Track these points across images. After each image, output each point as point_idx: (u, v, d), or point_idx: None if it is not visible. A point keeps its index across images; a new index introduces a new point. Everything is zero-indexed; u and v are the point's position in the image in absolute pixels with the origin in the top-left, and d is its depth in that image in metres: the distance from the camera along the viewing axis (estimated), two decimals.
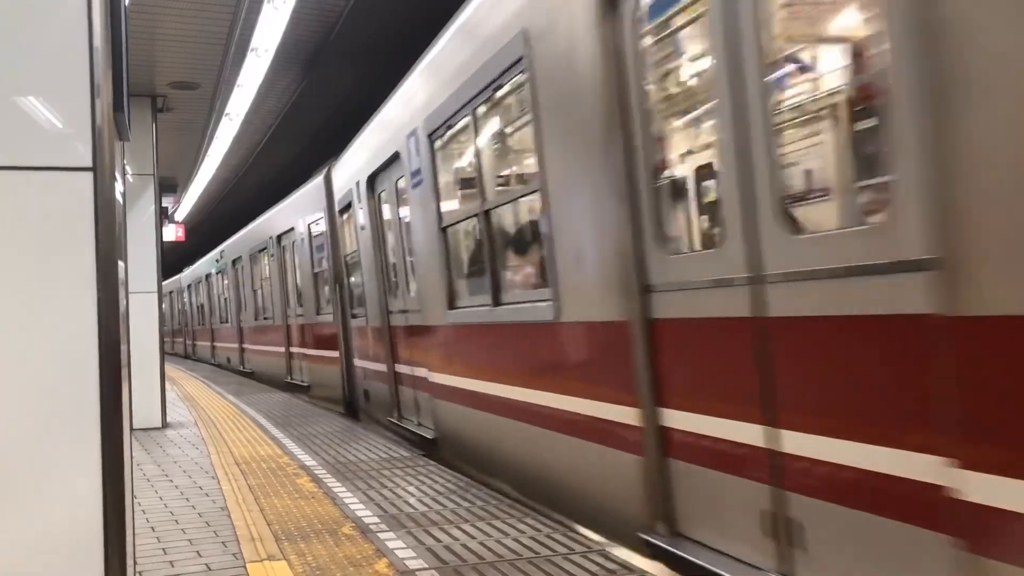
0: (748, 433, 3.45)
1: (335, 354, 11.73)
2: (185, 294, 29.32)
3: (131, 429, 2.88)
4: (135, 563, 3.23)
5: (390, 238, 9.07)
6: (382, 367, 9.40)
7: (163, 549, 4.65)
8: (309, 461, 7.20)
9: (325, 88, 13.11)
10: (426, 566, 4.14)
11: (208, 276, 23.60)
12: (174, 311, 32.33)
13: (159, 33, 8.52)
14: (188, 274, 28.26)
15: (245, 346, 19.62)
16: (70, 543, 2.21)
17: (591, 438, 4.68)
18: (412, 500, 5.59)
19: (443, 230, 7.00)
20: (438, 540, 4.60)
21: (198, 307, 26.67)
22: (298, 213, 13.41)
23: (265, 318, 16.86)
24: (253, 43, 9.26)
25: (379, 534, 4.75)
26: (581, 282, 4.69)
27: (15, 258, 2.24)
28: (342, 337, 11.42)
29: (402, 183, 8.13)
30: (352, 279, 10.97)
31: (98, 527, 2.22)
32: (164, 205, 15.96)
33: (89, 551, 2.21)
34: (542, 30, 4.79)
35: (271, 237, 15.51)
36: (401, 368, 8.80)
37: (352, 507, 5.43)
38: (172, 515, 5.44)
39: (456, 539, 4.61)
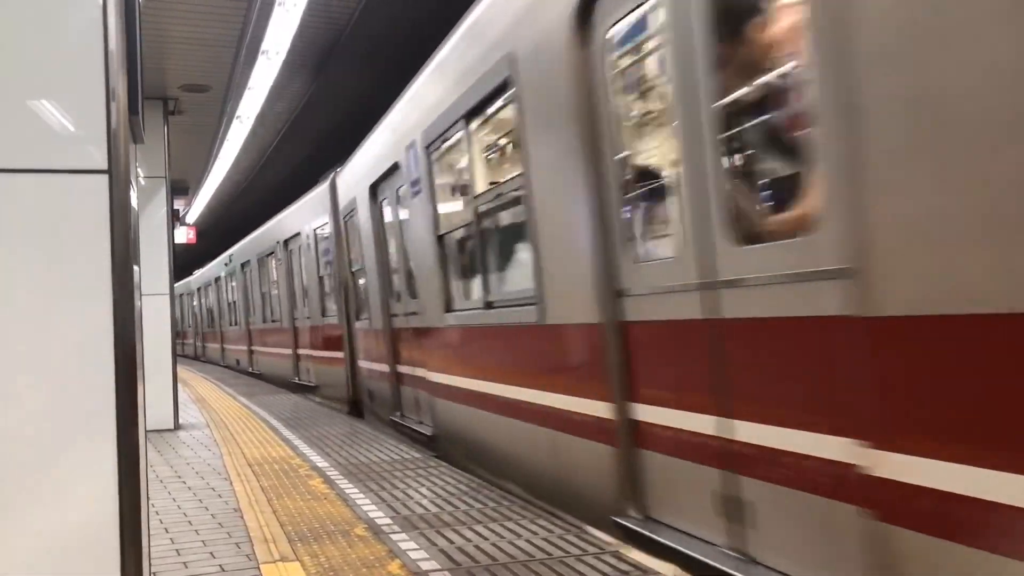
0: None
1: None
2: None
3: (146, 431, 2.89)
4: (150, 564, 3.25)
5: None
6: None
7: (177, 550, 4.67)
8: (321, 462, 7.22)
9: (336, 90, 13.15)
10: (439, 567, 4.14)
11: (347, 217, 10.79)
12: (272, 294, 16.73)
13: (170, 36, 8.56)
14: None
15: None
16: (87, 544, 2.22)
17: None
18: (424, 501, 5.59)
19: None
20: (451, 541, 4.60)
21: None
22: None
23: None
24: (264, 45, 9.30)
25: (392, 535, 4.75)
26: None
27: (31, 261, 2.25)
28: None
29: None
30: None
31: (114, 528, 2.23)
32: (175, 207, 16.03)
33: (106, 552, 2.22)
34: None
35: None
36: None
37: (364, 508, 5.43)
38: (185, 516, 5.46)
39: (469, 540, 4.61)
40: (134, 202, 2.71)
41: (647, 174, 4.32)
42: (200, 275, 28.51)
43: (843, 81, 2.77)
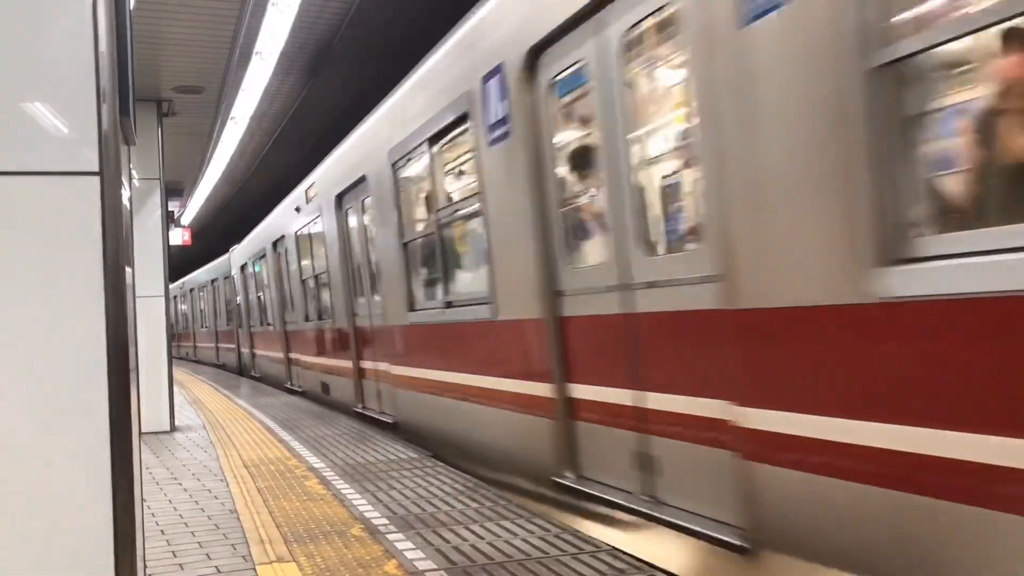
0: None
1: None
2: None
3: (140, 433, 2.89)
4: (145, 566, 3.24)
5: None
6: None
7: (173, 552, 4.67)
8: (317, 463, 7.21)
9: (329, 91, 13.14)
10: (435, 567, 4.14)
11: None
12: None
13: (164, 37, 8.55)
14: None
15: None
16: (81, 546, 2.22)
17: None
18: (421, 501, 5.59)
19: None
20: (447, 541, 4.60)
21: None
22: None
23: None
24: (257, 46, 9.30)
25: (388, 535, 4.75)
26: None
27: (23, 263, 2.25)
28: None
29: None
30: None
31: (108, 530, 2.23)
32: (170, 209, 15.99)
33: (100, 554, 2.21)
34: None
35: None
36: None
37: (361, 508, 5.43)
38: (181, 518, 5.46)
39: (465, 540, 4.61)
40: (127, 203, 2.71)
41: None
42: (247, 244, 18.69)
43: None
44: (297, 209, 12.66)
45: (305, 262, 12.92)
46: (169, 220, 12.02)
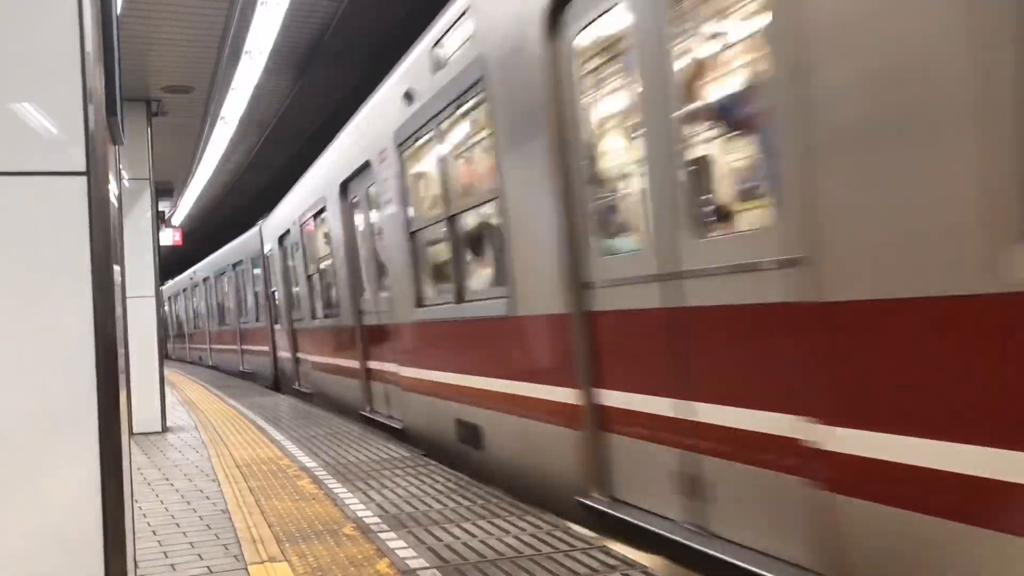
0: None
1: None
2: None
3: (130, 433, 2.88)
4: (136, 567, 3.24)
5: None
6: None
7: (164, 552, 4.66)
8: (309, 463, 7.21)
9: (319, 89, 13.13)
10: (427, 565, 4.15)
11: None
12: None
13: (153, 37, 8.52)
14: None
15: None
16: (70, 548, 2.22)
17: None
18: (413, 500, 5.59)
19: None
20: (439, 539, 4.60)
21: None
22: None
23: None
24: (246, 45, 9.27)
25: (380, 534, 4.75)
26: None
27: (9, 264, 2.24)
28: None
29: None
30: None
31: (98, 531, 2.22)
32: (161, 209, 15.92)
33: (89, 555, 2.21)
34: None
35: None
36: None
37: (353, 507, 5.43)
38: (173, 518, 5.45)
39: (457, 538, 4.62)
40: (115, 203, 2.70)
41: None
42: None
43: None
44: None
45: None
46: (159, 220, 11.98)
